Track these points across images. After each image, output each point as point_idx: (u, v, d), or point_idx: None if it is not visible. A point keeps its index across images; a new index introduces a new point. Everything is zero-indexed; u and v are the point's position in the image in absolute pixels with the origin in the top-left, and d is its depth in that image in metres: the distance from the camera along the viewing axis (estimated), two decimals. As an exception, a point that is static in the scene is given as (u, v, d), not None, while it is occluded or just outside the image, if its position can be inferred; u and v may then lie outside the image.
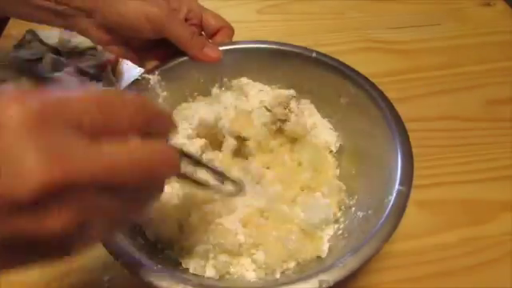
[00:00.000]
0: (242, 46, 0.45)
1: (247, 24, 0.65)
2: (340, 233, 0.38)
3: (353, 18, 0.67)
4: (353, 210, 0.39)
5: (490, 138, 0.52)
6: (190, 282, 0.31)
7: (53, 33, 0.57)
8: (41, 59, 0.55)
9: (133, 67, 0.50)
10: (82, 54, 0.56)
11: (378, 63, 0.59)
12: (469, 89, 0.57)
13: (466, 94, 0.56)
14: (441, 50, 0.62)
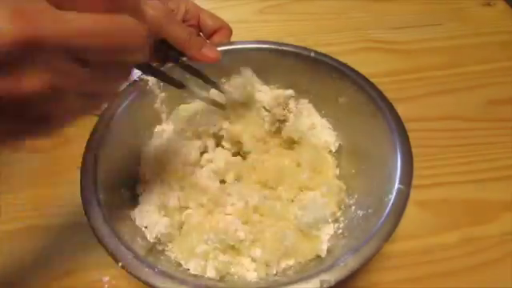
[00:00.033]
0: (240, 47, 0.45)
1: (247, 24, 0.65)
2: (340, 232, 0.38)
3: (353, 18, 0.67)
4: (352, 209, 0.39)
5: (491, 137, 0.52)
6: (191, 284, 0.31)
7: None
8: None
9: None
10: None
11: (378, 63, 0.59)
12: (470, 89, 0.57)
13: (466, 94, 0.56)
14: (441, 49, 0.62)
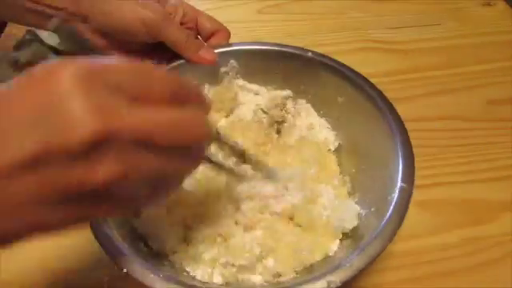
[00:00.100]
0: (238, 48, 0.45)
1: (247, 24, 0.65)
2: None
3: (353, 18, 0.67)
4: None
5: (491, 137, 0.52)
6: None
7: (53, 33, 0.56)
8: (41, 59, 0.55)
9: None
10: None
11: (377, 63, 0.59)
12: (469, 89, 0.57)
13: (466, 94, 0.56)
14: (441, 49, 0.62)
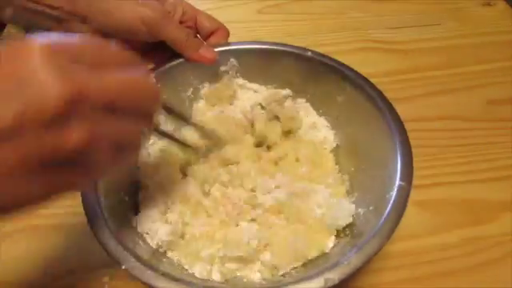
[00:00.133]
0: (237, 47, 0.45)
1: (247, 24, 0.65)
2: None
3: (353, 18, 0.67)
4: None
5: (490, 137, 0.52)
6: (196, 286, 0.31)
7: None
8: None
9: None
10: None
11: (377, 63, 0.59)
12: (469, 89, 0.57)
13: (465, 94, 0.56)
14: (441, 49, 0.62)
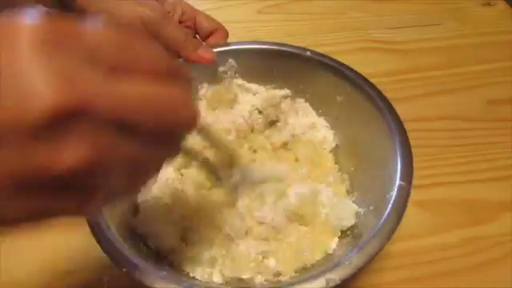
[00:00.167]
0: (236, 48, 0.45)
1: (247, 24, 0.65)
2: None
3: (353, 18, 0.67)
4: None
5: (490, 137, 0.52)
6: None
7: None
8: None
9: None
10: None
11: (377, 63, 0.59)
12: (469, 89, 0.57)
13: (465, 94, 0.56)
14: (441, 49, 0.62)
